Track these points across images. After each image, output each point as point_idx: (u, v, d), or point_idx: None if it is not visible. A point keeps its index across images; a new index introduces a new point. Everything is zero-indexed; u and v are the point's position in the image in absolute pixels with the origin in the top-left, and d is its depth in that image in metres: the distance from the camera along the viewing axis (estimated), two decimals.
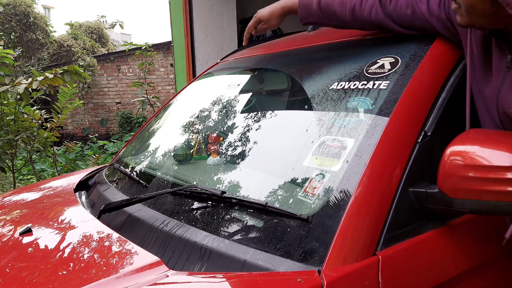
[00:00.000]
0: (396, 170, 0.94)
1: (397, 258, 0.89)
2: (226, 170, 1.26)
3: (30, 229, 1.19)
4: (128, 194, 1.35)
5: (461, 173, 0.86)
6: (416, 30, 1.15)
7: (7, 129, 3.24)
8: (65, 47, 9.97)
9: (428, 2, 1.10)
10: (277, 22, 1.37)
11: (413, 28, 1.15)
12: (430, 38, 1.14)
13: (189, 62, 3.56)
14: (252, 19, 1.40)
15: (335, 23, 1.27)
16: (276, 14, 1.35)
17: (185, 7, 3.48)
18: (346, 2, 1.22)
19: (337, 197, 0.91)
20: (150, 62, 5.36)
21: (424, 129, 1.00)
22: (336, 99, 1.14)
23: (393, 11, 1.16)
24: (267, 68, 1.42)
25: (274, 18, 1.36)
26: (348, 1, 1.21)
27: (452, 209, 0.90)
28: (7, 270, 0.99)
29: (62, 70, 3.05)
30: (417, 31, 1.15)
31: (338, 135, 1.03)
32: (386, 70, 1.12)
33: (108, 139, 8.68)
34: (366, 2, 1.19)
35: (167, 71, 9.69)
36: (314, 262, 0.84)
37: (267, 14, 1.36)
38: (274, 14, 1.35)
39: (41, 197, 1.63)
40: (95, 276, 0.90)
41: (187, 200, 1.15)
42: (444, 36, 1.11)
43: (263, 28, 1.39)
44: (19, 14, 9.28)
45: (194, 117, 1.65)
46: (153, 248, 1.02)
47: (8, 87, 2.92)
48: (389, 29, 1.19)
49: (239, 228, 0.99)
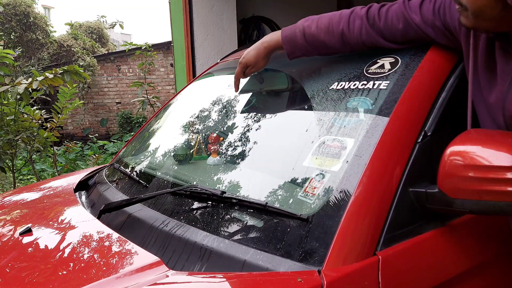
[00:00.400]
0: (396, 170, 0.94)
1: (397, 258, 0.89)
2: (226, 170, 1.26)
3: (30, 229, 1.19)
4: (128, 194, 1.35)
5: (461, 173, 0.85)
6: (410, 43, 1.13)
7: (7, 129, 3.23)
8: (65, 47, 9.97)
9: (420, 12, 1.07)
10: (264, 63, 1.33)
11: (407, 41, 1.12)
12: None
13: (189, 62, 3.56)
14: (238, 65, 1.35)
15: (325, 51, 1.23)
16: (261, 55, 1.30)
17: (185, 7, 3.48)
18: (332, 29, 1.18)
19: (337, 197, 0.91)
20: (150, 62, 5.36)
21: (424, 129, 1.00)
22: (336, 99, 1.14)
23: (384, 28, 1.12)
24: (267, 68, 1.42)
25: (260, 60, 1.31)
26: (335, 28, 1.17)
27: (452, 209, 0.90)
28: (7, 270, 0.99)
29: (62, 70, 3.05)
30: (411, 43, 1.13)
31: (338, 135, 1.03)
32: (386, 70, 1.12)
33: (108, 139, 8.68)
34: (354, 24, 1.15)
35: (167, 71, 9.70)
36: (314, 262, 0.84)
37: (252, 57, 1.31)
38: (260, 55, 1.30)
39: (41, 197, 1.63)
40: (95, 276, 0.90)
41: (187, 200, 1.15)
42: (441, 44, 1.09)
43: (251, 72, 1.35)
44: (19, 14, 9.29)
45: (194, 117, 1.66)
46: (153, 248, 1.02)
47: (8, 87, 2.92)
48: (381, 46, 1.15)
49: (239, 228, 0.99)
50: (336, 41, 1.18)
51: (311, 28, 1.21)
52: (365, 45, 1.17)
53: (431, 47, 1.12)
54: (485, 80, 1.01)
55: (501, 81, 0.97)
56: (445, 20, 1.04)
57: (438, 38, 1.08)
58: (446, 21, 1.04)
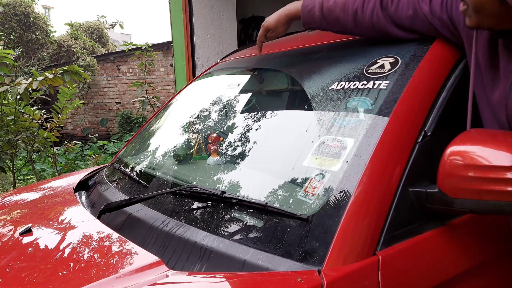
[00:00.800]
0: (396, 170, 0.94)
1: (397, 258, 0.89)
2: (226, 170, 1.26)
3: (30, 229, 1.19)
4: (128, 194, 1.35)
5: (461, 173, 0.85)
6: (417, 33, 1.15)
7: (7, 129, 3.24)
8: (65, 47, 9.97)
9: (430, 3, 1.10)
10: (284, 29, 1.39)
11: (414, 30, 1.15)
12: (430, 38, 1.14)
13: (189, 62, 3.56)
14: (260, 29, 1.42)
15: (338, 29, 1.27)
16: (282, 21, 1.37)
17: (185, 7, 3.48)
18: (348, 6, 1.22)
19: (337, 197, 0.91)
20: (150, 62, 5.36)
21: (424, 129, 1.00)
22: (336, 99, 1.14)
23: (394, 13, 1.15)
24: (267, 68, 1.42)
25: (280, 26, 1.38)
26: (350, 6, 1.21)
27: (452, 209, 0.90)
28: (7, 270, 0.99)
29: (62, 70, 3.05)
30: (418, 34, 1.15)
31: (338, 135, 1.03)
32: (386, 70, 1.12)
33: (108, 139, 8.68)
34: (368, 5, 1.19)
35: (167, 71, 9.70)
36: (314, 262, 0.84)
37: (273, 22, 1.38)
38: (280, 21, 1.37)
39: (41, 197, 1.63)
40: (95, 276, 0.90)
41: (187, 200, 1.15)
42: (446, 38, 1.11)
43: (272, 36, 1.42)
44: (19, 14, 9.29)
45: (194, 117, 1.65)
46: (153, 248, 1.02)
47: (8, 87, 2.92)
48: (389, 33, 1.18)
49: (239, 228, 0.99)
50: (349, 19, 1.22)
51: (329, 2, 1.25)
52: (374, 29, 1.20)
53: (431, 47, 1.12)
54: (488, 78, 1.02)
55: (504, 79, 0.97)
56: (451, 14, 1.06)
57: (443, 31, 1.10)
58: (452, 16, 1.06)
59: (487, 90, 1.02)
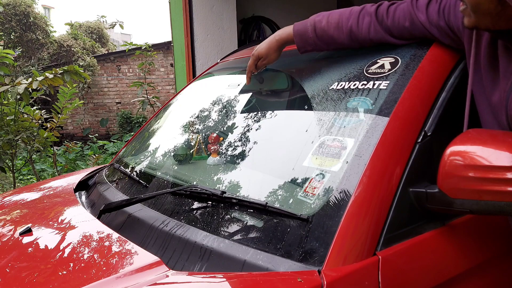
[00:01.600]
0: (396, 170, 0.94)
1: (397, 258, 0.89)
2: (226, 170, 1.26)
3: (30, 229, 1.19)
4: (128, 194, 1.35)
5: (461, 173, 0.85)
6: (416, 40, 1.15)
7: (7, 129, 3.23)
8: (65, 47, 9.96)
9: (427, 11, 1.09)
10: (275, 56, 1.36)
11: (413, 39, 1.15)
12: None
13: (189, 62, 3.56)
14: (250, 58, 1.38)
15: (334, 46, 1.26)
16: (273, 48, 1.33)
17: (185, 7, 3.48)
18: (342, 25, 1.20)
19: (337, 197, 0.91)
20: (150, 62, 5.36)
21: (424, 129, 1.00)
22: (336, 99, 1.14)
23: (392, 25, 1.15)
24: (267, 68, 1.42)
25: (272, 52, 1.34)
26: (344, 24, 1.20)
27: (452, 209, 0.90)
28: (7, 270, 0.99)
29: (62, 70, 3.05)
30: (417, 40, 1.15)
31: (338, 135, 1.03)
32: (386, 70, 1.12)
33: (108, 139, 8.68)
34: (363, 21, 1.18)
35: (167, 71, 9.69)
36: (314, 262, 0.84)
37: (264, 50, 1.34)
38: (272, 48, 1.34)
39: (41, 197, 1.63)
40: (95, 276, 0.90)
41: (187, 200, 1.15)
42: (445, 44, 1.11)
43: (263, 64, 1.38)
44: (19, 14, 9.28)
45: (194, 117, 1.65)
46: (153, 248, 1.02)
47: (8, 87, 2.92)
48: (388, 42, 1.18)
49: (239, 228, 0.99)
50: (344, 37, 1.21)
51: (322, 23, 1.23)
52: (373, 42, 1.20)
53: (431, 47, 1.12)
54: (488, 79, 1.01)
55: (504, 80, 0.97)
56: (449, 20, 1.05)
57: (442, 38, 1.10)
58: (450, 22, 1.05)
59: (487, 91, 1.02)
